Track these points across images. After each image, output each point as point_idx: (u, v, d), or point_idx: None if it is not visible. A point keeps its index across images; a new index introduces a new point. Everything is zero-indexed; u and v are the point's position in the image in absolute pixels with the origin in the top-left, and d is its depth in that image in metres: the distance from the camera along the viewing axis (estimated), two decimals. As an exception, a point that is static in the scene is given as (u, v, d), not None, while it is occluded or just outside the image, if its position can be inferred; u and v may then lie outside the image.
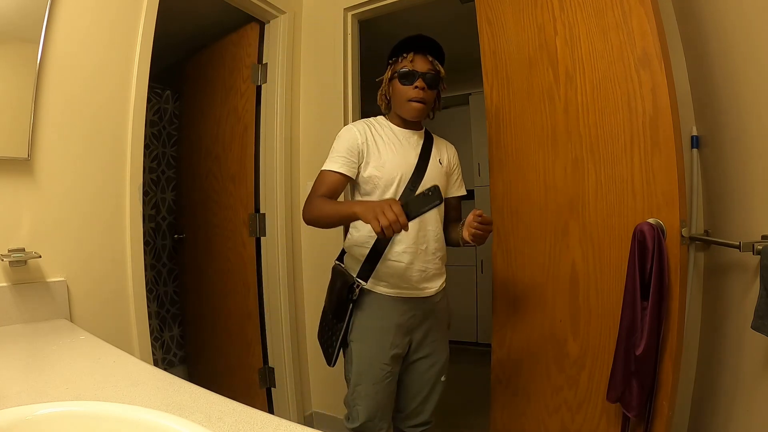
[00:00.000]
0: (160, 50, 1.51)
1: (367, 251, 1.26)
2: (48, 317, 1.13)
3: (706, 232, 1.39)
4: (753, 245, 0.98)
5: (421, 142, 1.34)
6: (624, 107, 1.17)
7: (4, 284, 1.08)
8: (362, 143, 1.26)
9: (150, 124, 2.62)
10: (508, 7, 1.43)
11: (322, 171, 1.26)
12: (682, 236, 1.09)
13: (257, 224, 2.12)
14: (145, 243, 2.38)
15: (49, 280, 1.16)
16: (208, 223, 2.34)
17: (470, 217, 1.18)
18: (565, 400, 1.32)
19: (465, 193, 1.44)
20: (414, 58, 1.26)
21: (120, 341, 1.29)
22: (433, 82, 1.26)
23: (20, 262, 1.09)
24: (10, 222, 1.11)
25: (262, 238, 2.13)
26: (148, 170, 2.62)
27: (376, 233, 0.97)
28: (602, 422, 1.23)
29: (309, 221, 1.23)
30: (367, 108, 2.05)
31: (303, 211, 1.25)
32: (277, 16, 2.10)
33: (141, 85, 1.42)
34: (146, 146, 2.14)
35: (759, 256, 0.97)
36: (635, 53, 1.14)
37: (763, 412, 1.02)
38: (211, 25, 2.34)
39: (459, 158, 1.45)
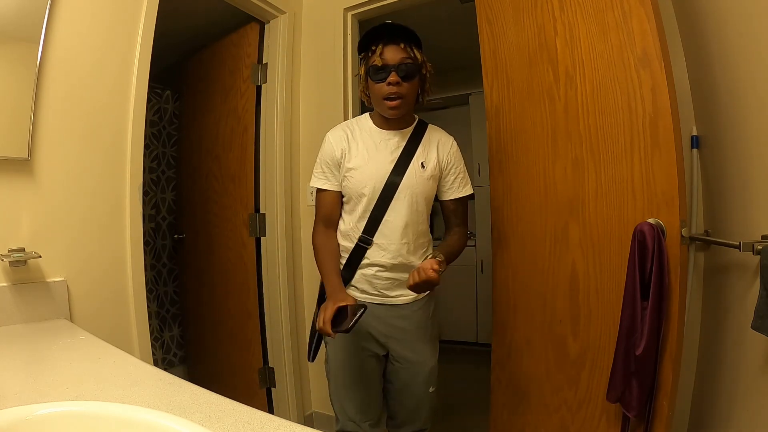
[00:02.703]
0: (160, 50, 1.51)
1: (345, 260, 1.26)
2: (48, 317, 1.13)
3: (706, 232, 1.39)
4: (753, 245, 0.98)
5: (404, 142, 1.23)
6: (624, 107, 1.17)
7: (4, 284, 1.08)
8: (340, 155, 1.22)
9: (150, 124, 2.62)
10: (508, 7, 1.43)
11: (317, 189, 1.29)
12: (682, 236, 1.09)
13: (257, 224, 2.12)
14: (145, 243, 2.38)
15: (49, 280, 1.16)
16: (208, 223, 2.34)
17: (427, 264, 1.06)
18: (565, 400, 1.32)
19: (469, 193, 1.30)
20: (384, 50, 1.13)
21: (120, 341, 1.30)
22: (409, 72, 1.14)
23: (20, 262, 1.09)
24: (10, 222, 1.11)
25: (262, 238, 2.13)
26: (148, 170, 2.63)
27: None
28: (602, 422, 1.23)
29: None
30: (367, 108, 2.04)
31: (312, 234, 1.31)
32: (277, 16, 2.10)
33: (141, 85, 1.42)
34: (146, 146, 2.14)
35: (759, 256, 0.97)
36: (635, 53, 1.14)
37: (763, 411, 1.02)
38: (211, 25, 2.34)
39: (460, 152, 1.30)
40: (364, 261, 1.23)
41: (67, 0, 1.21)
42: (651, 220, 1.10)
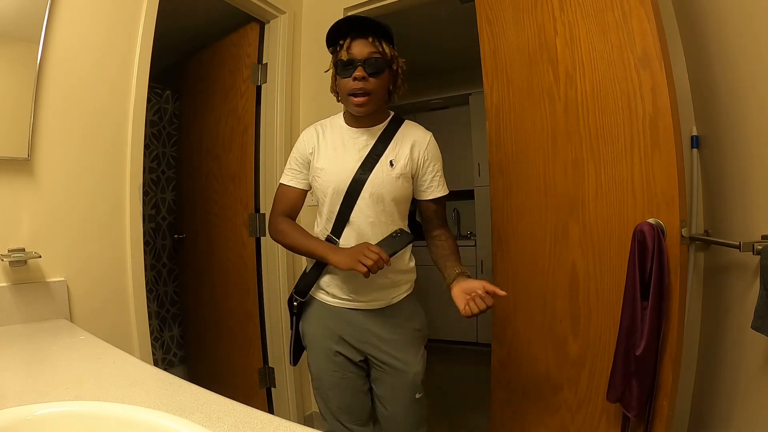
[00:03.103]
0: (160, 50, 1.51)
1: (314, 261, 1.21)
2: (48, 317, 1.13)
3: (706, 232, 1.39)
4: (753, 245, 0.98)
5: (373, 140, 1.17)
6: (624, 107, 1.17)
7: (4, 284, 1.08)
8: (310, 153, 1.20)
9: (150, 124, 2.62)
10: (508, 7, 1.43)
11: (279, 183, 1.26)
12: (682, 236, 1.09)
13: (257, 224, 2.12)
14: (145, 243, 2.38)
15: (49, 280, 1.16)
16: (208, 223, 2.34)
17: (479, 287, 1.04)
18: (565, 400, 1.32)
19: (444, 193, 1.22)
20: (351, 45, 1.09)
21: (120, 341, 1.30)
22: (377, 67, 1.09)
23: (20, 262, 1.09)
24: (10, 222, 1.11)
25: (262, 238, 2.13)
26: (148, 170, 2.62)
27: (364, 275, 1.02)
28: (602, 422, 1.23)
29: (276, 240, 1.26)
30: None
31: (269, 225, 1.27)
32: (277, 16, 2.10)
33: (141, 85, 1.42)
34: (146, 146, 2.14)
35: (759, 256, 0.97)
36: (635, 53, 1.14)
37: (763, 411, 1.02)
38: (211, 25, 2.34)
39: (440, 150, 1.23)
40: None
41: (67, 0, 1.21)
42: (651, 220, 1.10)
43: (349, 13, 2.09)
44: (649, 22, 1.11)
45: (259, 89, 2.14)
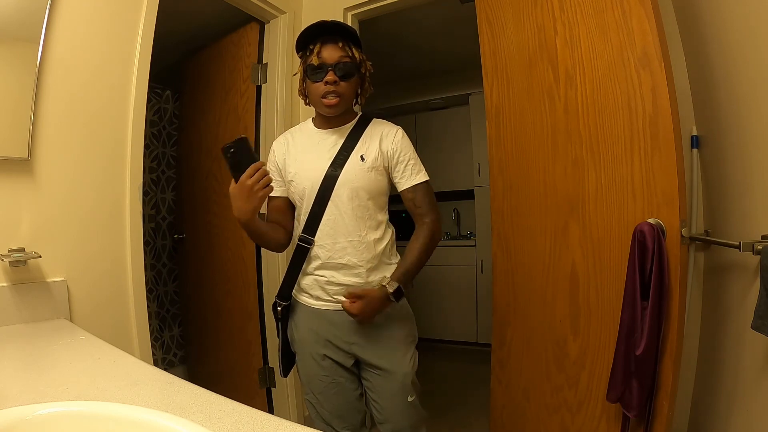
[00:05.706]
0: (160, 50, 1.51)
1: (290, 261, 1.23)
2: (48, 317, 1.13)
3: (706, 232, 1.39)
4: (753, 245, 0.98)
5: (343, 139, 1.20)
6: (624, 107, 1.17)
7: (4, 284, 1.08)
8: (281, 160, 1.24)
9: (150, 124, 2.62)
10: (508, 7, 1.44)
11: None
12: (682, 236, 1.09)
13: (257, 224, 2.12)
14: (145, 243, 2.38)
15: (49, 280, 1.16)
16: (208, 223, 2.34)
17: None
18: (565, 400, 1.32)
19: (420, 181, 1.20)
20: (321, 49, 1.12)
21: (120, 341, 1.30)
22: (347, 71, 1.13)
23: (20, 262, 1.09)
24: (10, 222, 1.11)
25: (262, 238, 2.12)
26: (148, 170, 2.62)
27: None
28: (602, 422, 1.23)
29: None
30: (366, 108, 2.04)
31: None
32: (277, 16, 2.10)
33: (141, 85, 1.42)
34: (146, 146, 2.14)
35: (759, 256, 0.97)
36: (635, 53, 1.14)
37: (763, 412, 1.02)
38: (211, 25, 2.34)
39: (409, 141, 1.24)
40: (314, 263, 1.19)
41: (67, 0, 1.21)
42: (651, 220, 1.10)
43: (350, 14, 2.09)
44: (649, 22, 1.11)
45: (259, 89, 2.14)
